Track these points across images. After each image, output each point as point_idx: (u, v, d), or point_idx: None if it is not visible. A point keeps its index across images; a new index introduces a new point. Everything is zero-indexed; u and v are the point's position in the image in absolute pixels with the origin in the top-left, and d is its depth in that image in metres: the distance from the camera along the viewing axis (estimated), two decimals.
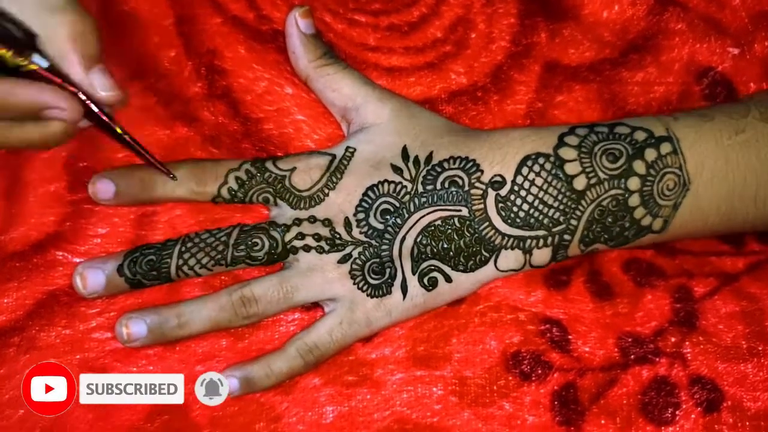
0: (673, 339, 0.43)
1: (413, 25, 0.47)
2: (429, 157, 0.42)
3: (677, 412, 0.42)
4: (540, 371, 0.42)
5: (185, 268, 0.40)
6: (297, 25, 0.43)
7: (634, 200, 0.41)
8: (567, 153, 0.41)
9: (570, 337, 0.43)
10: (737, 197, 0.42)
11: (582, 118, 0.46)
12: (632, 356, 0.43)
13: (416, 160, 0.42)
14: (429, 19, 0.47)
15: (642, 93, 0.47)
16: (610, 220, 0.41)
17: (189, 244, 0.41)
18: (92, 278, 0.40)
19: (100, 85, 0.37)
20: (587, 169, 0.41)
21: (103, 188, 0.41)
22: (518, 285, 0.43)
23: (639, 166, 0.41)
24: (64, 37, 0.36)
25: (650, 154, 0.41)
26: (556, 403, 0.42)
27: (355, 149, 0.42)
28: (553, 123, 0.46)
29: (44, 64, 0.36)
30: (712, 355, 0.43)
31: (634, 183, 0.41)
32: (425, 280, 0.41)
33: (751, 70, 0.47)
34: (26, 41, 0.35)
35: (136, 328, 0.40)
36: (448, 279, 0.41)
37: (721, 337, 0.43)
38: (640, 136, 0.41)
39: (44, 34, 0.36)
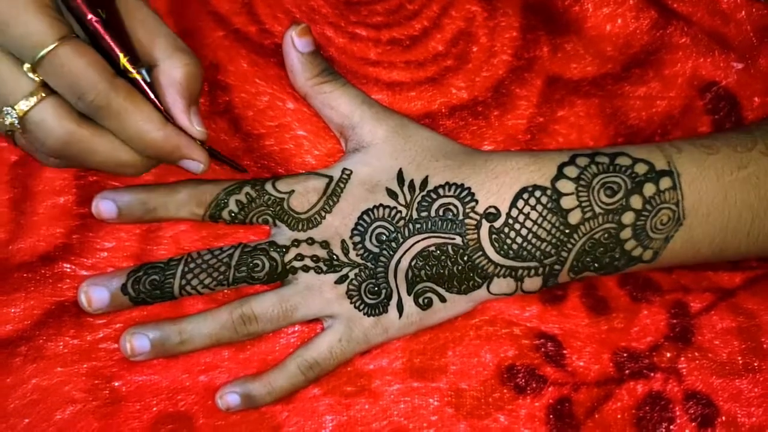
0: (668, 354, 0.43)
1: (415, 39, 0.46)
2: (424, 182, 0.42)
3: (672, 427, 0.42)
4: (535, 385, 0.43)
5: (188, 287, 0.41)
6: (294, 44, 0.42)
7: (626, 233, 0.41)
8: (565, 186, 0.41)
9: (565, 351, 0.43)
10: (731, 232, 0.42)
11: (583, 133, 0.46)
12: (627, 371, 0.43)
13: (411, 185, 0.42)
14: (430, 32, 0.47)
15: (644, 108, 0.46)
16: (600, 251, 0.41)
17: (192, 265, 0.41)
18: (96, 296, 0.41)
19: (197, 123, 0.40)
20: (583, 203, 0.41)
21: (105, 208, 0.42)
22: (513, 299, 0.44)
23: (636, 201, 0.41)
24: (179, 74, 0.39)
25: (649, 189, 0.41)
26: (551, 416, 0.42)
27: (351, 171, 0.42)
28: (554, 138, 0.46)
29: (148, 79, 0.39)
30: (708, 371, 0.43)
31: (628, 217, 0.41)
32: (420, 300, 0.42)
33: (756, 84, 0.47)
34: (138, 58, 0.39)
35: (139, 342, 0.41)
36: (443, 299, 0.42)
37: (716, 353, 0.43)
38: (641, 169, 0.41)
39: (163, 66, 0.39)
